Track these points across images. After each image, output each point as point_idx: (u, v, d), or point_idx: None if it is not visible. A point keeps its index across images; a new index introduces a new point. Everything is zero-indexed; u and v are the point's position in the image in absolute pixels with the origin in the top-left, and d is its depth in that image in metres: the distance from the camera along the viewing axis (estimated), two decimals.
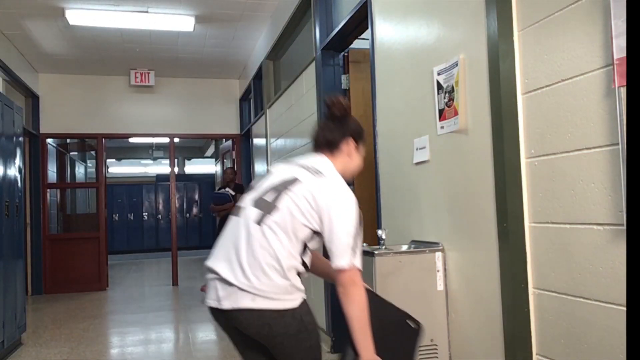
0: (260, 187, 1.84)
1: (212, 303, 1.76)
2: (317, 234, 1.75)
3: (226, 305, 1.71)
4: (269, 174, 1.88)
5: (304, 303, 1.76)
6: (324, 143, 1.90)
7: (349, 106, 1.96)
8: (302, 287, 1.75)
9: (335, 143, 1.89)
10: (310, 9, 4.43)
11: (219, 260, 1.77)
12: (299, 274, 1.75)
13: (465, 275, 2.25)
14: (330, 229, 1.70)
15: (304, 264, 1.76)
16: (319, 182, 1.77)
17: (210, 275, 1.78)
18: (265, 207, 1.75)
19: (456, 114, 2.24)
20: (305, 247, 1.75)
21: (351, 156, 1.91)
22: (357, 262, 1.70)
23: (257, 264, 1.69)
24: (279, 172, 1.85)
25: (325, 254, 1.79)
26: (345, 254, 1.68)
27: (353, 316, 1.69)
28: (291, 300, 1.72)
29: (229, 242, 1.78)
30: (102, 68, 7.43)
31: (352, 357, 1.72)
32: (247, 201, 1.83)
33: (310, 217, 1.72)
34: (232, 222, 1.83)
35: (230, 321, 1.76)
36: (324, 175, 1.80)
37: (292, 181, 1.77)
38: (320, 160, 1.87)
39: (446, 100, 2.31)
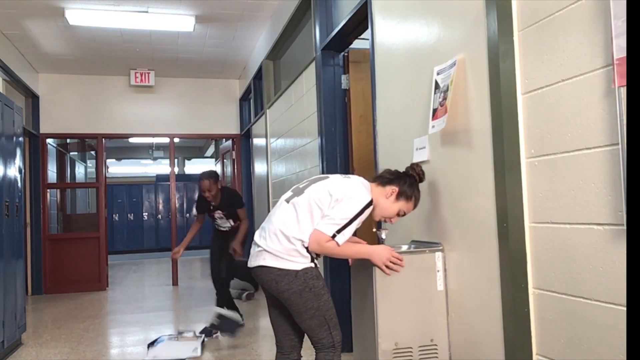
0: (304, 182, 2.37)
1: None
2: None
3: (252, 263, 2.27)
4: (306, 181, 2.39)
5: (311, 269, 2.23)
6: (380, 177, 2.37)
7: (422, 176, 2.39)
8: (308, 255, 2.21)
9: (386, 182, 2.34)
10: (310, 9, 4.43)
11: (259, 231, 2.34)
12: (307, 248, 2.19)
13: (465, 275, 2.25)
14: (335, 207, 2.18)
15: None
16: (343, 180, 2.30)
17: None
18: (297, 191, 2.30)
19: (446, 112, 2.24)
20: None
21: (387, 198, 2.32)
22: (339, 238, 2.17)
23: (273, 229, 2.23)
24: (323, 177, 2.35)
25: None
26: (333, 227, 2.15)
27: (338, 255, 2.29)
28: (295, 263, 2.19)
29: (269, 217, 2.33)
30: (102, 68, 7.43)
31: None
32: (292, 189, 2.35)
33: (324, 203, 2.19)
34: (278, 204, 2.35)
35: (256, 278, 2.30)
36: (350, 178, 2.33)
37: (323, 177, 2.34)
38: (361, 178, 2.36)
39: (440, 99, 2.31)
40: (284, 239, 2.19)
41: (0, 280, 3.94)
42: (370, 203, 2.23)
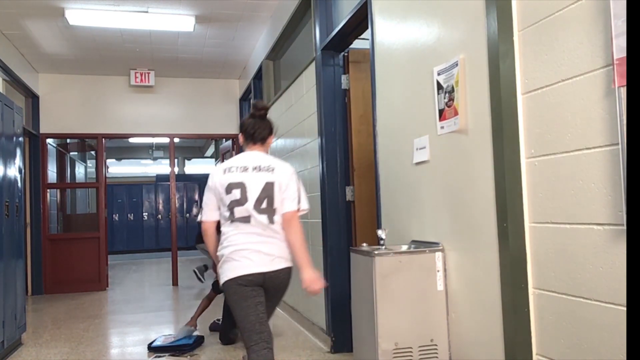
0: (250, 198, 2.49)
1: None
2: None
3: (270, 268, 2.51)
4: (242, 185, 2.52)
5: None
6: (259, 139, 2.65)
7: (268, 107, 2.79)
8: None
9: (266, 138, 2.67)
10: (310, 9, 4.43)
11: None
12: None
13: (465, 275, 2.25)
14: (286, 190, 2.52)
15: None
16: (276, 174, 2.54)
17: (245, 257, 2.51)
18: (269, 211, 2.50)
19: (456, 114, 2.24)
20: None
21: (269, 145, 2.73)
22: (302, 204, 2.56)
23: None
24: (252, 182, 2.52)
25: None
26: (293, 203, 2.52)
27: (297, 239, 2.51)
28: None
29: (248, 240, 2.50)
30: (102, 68, 7.43)
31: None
32: (248, 211, 2.49)
33: (278, 195, 2.52)
34: (245, 227, 2.50)
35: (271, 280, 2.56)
36: (274, 167, 2.57)
37: (270, 186, 2.52)
38: (261, 156, 2.62)
39: (446, 100, 2.32)
40: (284, 246, 2.56)
41: (0, 280, 3.94)
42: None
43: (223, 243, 2.52)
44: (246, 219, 2.48)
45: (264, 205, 2.48)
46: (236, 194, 2.49)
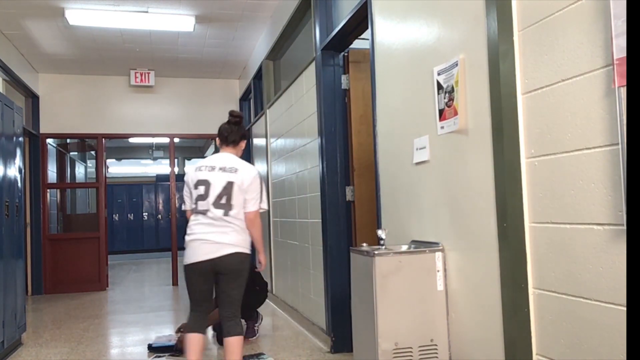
0: (211, 194, 2.99)
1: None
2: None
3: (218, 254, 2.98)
4: (206, 182, 3.00)
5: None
6: (231, 141, 3.14)
7: (243, 116, 3.32)
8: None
9: (237, 142, 3.16)
10: (310, 9, 4.43)
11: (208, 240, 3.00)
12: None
13: (465, 275, 2.26)
14: (248, 191, 2.99)
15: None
16: (238, 175, 2.99)
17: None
18: (226, 206, 2.97)
19: (456, 114, 2.24)
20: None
21: (241, 149, 3.19)
22: (263, 204, 3.07)
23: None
24: (215, 181, 3.00)
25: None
26: (255, 203, 3.02)
27: (257, 234, 3.09)
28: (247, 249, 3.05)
29: (203, 230, 2.99)
30: (102, 68, 7.43)
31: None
32: (208, 205, 2.98)
33: (243, 197, 2.98)
34: (203, 219, 3.00)
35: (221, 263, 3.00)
36: (238, 168, 3.01)
37: (230, 185, 2.97)
38: (229, 158, 3.08)
39: (446, 100, 2.32)
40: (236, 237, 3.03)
41: (0, 280, 3.94)
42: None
43: (187, 231, 3.07)
44: (205, 212, 2.99)
45: (222, 201, 2.97)
46: (201, 189, 3.00)
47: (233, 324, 3.00)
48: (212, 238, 2.95)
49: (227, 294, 3.02)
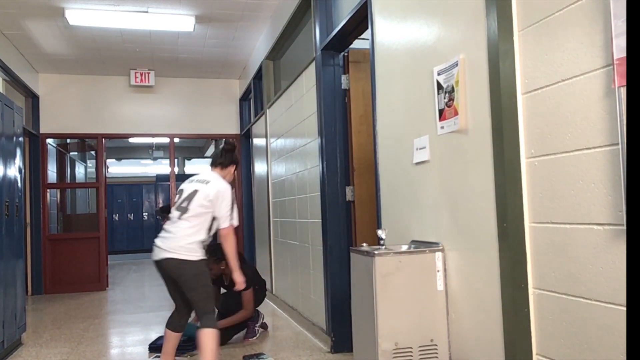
0: (180, 201, 3.25)
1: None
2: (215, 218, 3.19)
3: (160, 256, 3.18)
4: (181, 192, 3.31)
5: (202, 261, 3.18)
6: (219, 163, 3.40)
7: (237, 146, 3.63)
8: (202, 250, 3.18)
9: (225, 165, 3.41)
10: (310, 9, 4.43)
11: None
12: (203, 243, 3.18)
13: (465, 275, 2.26)
14: (217, 209, 3.17)
15: (209, 231, 3.20)
16: (206, 186, 3.23)
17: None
18: (183, 209, 3.20)
19: (456, 114, 2.24)
20: (211, 223, 3.20)
21: (230, 173, 3.43)
22: (234, 221, 3.22)
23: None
24: (187, 189, 3.28)
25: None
26: (225, 219, 3.18)
27: (230, 250, 3.26)
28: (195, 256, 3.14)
29: (162, 233, 3.23)
30: (102, 68, 7.43)
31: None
32: (175, 212, 3.24)
33: (207, 208, 3.17)
34: (168, 223, 3.26)
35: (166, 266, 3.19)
36: (209, 181, 3.27)
37: (195, 192, 3.22)
38: (209, 174, 3.36)
39: (446, 100, 2.32)
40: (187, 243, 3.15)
41: (0, 280, 3.94)
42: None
43: None
44: (171, 217, 3.28)
45: (183, 204, 3.21)
46: (177, 197, 3.33)
47: (203, 319, 3.17)
48: (157, 242, 3.20)
49: (186, 296, 3.22)
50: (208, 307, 3.19)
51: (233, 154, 3.47)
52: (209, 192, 3.18)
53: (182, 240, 3.12)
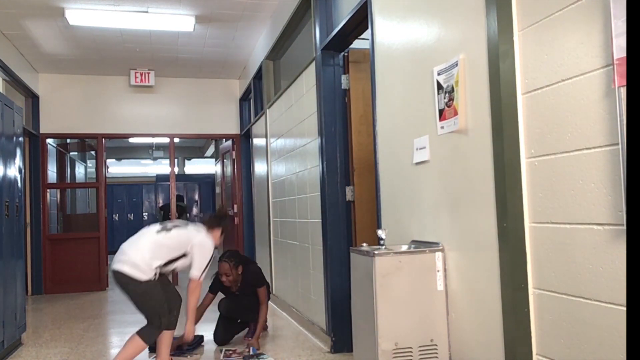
0: (168, 222, 3.51)
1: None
2: (183, 257, 3.39)
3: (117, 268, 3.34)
4: (174, 220, 3.85)
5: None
6: (207, 222, 3.67)
7: (227, 213, 4.30)
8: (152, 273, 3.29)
9: (212, 225, 3.65)
10: (310, 9, 4.43)
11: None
12: (156, 269, 3.31)
13: (465, 275, 2.26)
14: (195, 257, 3.39)
15: (166, 265, 3.37)
16: (197, 233, 3.47)
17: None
18: (165, 228, 3.40)
19: (456, 114, 2.24)
20: (176, 259, 3.39)
21: (216, 237, 3.62)
22: (201, 277, 3.42)
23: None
24: (181, 222, 3.56)
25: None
26: (198, 270, 3.39)
27: (192, 301, 3.47)
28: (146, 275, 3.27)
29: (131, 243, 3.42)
30: (102, 68, 7.43)
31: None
32: (158, 224, 3.50)
33: (183, 246, 3.38)
34: (143, 229, 3.51)
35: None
36: (201, 232, 3.52)
37: (184, 225, 3.50)
38: (201, 227, 3.59)
39: (446, 100, 2.32)
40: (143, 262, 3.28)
41: (0, 280, 3.94)
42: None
43: None
44: (149, 228, 3.52)
45: (169, 225, 3.47)
46: (166, 222, 3.58)
47: (145, 327, 3.42)
48: (124, 245, 3.39)
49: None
50: (154, 320, 3.37)
51: (222, 220, 3.74)
52: (195, 237, 3.42)
53: (141, 256, 3.24)
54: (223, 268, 4.19)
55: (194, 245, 3.38)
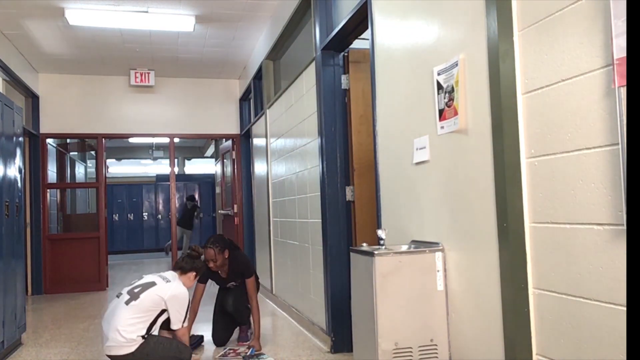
0: (134, 284, 3.44)
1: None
2: (163, 312, 3.36)
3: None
4: (141, 277, 3.51)
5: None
6: (179, 267, 3.64)
7: (201, 253, 3.88)
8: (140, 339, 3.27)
9: (185, 270, 3.63)
10: (310, 9, 4.43)
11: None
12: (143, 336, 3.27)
13: (465, 275, 2.26)
14: (171, 313, 3.37)
15: (150, 328, 3.32)
16: (166, 285, 3.41)
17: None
18: (133, 295, 3.32)
19: (456, 114, 2.24)
20: (156, 319, 3.35)
21: (190, 279, 3.64)
22: (185, 324, 3.45)
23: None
24: (147, 278, 3.47)
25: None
26: (178, 322, 3.41)
27: (185, 342, 3.49)
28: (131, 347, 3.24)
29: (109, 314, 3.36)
30: (102, 68, 7.43)
31: None
32: (126, 290, 3.42)
33: (157, 306, 3.33)
34: (114, 301, 3.42)
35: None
36: (170, 281, 3.46)
37: (151, 283, 3.40)
38: (172, 274, 3.58)
39: (446, 100, 2.32)
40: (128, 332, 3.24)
41: (0, 280, 3.94)
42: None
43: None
44: (118, 295, 3.45)
45: (136, 290, 3.39)
46: (134, 281, 3.53)
47: None
48: (103, 324, 3.37)
49: None
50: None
51: (195, 261, 3.67)
52: (165, 292, 3.35)
53: (121, 337, 3.19)
54: (209, 254, 4.12)
55: (166, 301, 3.34)
